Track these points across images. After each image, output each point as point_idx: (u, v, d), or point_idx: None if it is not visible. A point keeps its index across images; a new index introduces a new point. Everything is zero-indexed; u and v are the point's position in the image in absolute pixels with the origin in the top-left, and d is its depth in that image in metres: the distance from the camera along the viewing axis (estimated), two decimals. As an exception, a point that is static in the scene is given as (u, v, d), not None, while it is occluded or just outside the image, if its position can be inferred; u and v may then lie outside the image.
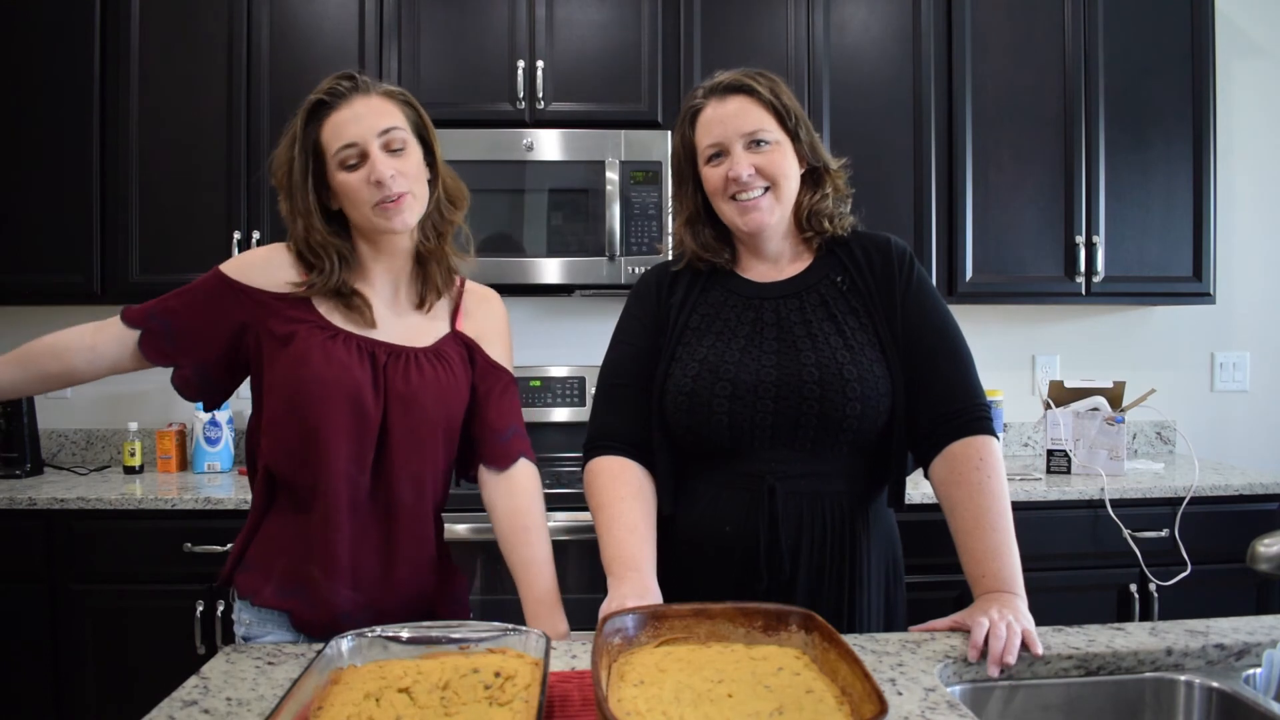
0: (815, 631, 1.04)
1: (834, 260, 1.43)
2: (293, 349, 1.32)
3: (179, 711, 1.02)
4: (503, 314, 1.52)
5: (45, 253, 2.64)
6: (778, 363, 1.34)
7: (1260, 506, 2.56)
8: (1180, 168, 2.83)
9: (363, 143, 1.31)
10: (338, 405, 1.31)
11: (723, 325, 1.40)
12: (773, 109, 1.36)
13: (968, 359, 1.39)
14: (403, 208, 1.32)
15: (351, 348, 1.33)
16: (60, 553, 2.38)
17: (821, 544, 1.34)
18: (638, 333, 1.45)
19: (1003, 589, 1.24)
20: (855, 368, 1.33)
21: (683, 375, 1.36)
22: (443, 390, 1.38)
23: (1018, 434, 3.15)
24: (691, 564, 1.37)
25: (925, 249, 2.77)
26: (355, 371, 1.32)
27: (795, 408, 1.32)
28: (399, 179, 1.31)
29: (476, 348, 1.45)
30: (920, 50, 2.77)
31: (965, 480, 1.31)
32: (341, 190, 1.33)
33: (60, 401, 3.00)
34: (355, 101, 1.32)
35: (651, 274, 1.51)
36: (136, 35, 2.64)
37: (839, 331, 1.36)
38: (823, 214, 1.41)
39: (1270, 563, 1.10)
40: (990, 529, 1.28)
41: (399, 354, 1.37)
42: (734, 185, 1.35)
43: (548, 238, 2.65)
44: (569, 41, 2.71)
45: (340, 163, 1.32)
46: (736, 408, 1.33)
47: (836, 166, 1.43)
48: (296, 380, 1.31)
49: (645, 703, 0.93)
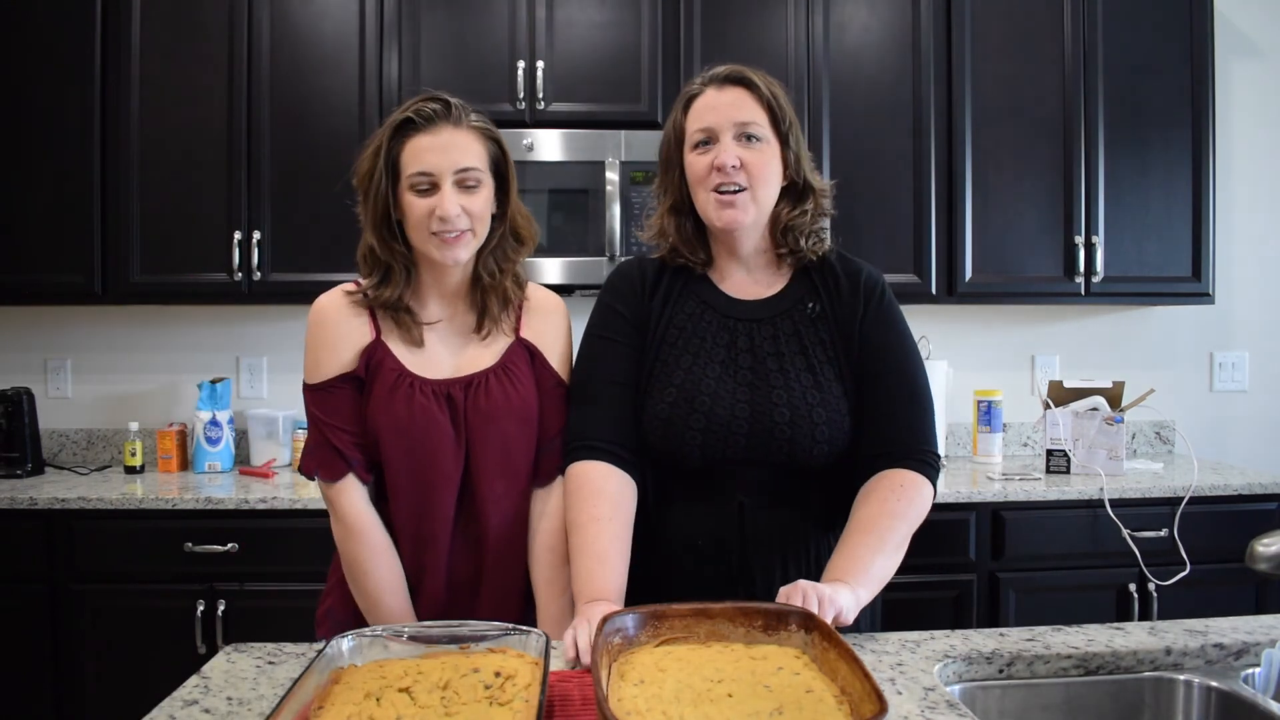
0: (815, 631, 1.05)
1: (808, 283, 1.42)
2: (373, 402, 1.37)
3: (179, 711, 1.02)
4: (564, 323, 1.49)
5: (46, 253, 2.64)
6: (750, 398, 1.34)
7: (1259, 506, 2.57)
8: (1179, 168, 2.83)
9: (438, 174, 1.31)
10: (416, 456, 1.35)
11: (699, 345, 1.39)
12: (768, 107, 1.36)
13: (923, 402, 1.37)
14: (458, 244, 1.33)
15: (429, 395, 1.36)
16: (61, 553, 2.38)
17: (795, 559, 1.35)
18: (623, 329, 1.42)
19: (839, 578, 1.21)
20: (824, 409, 1.33)
21: (660, 401, 1.36)
22: (513, 409, 1.39)
23: (1017, 434, 3.15)
24: (671, 575, 1.38)
25: (925, 249, 2.77)
26: (438, 418, 1.35)
27: (765, 444, 1.33)
28: (463, 218, 1.32)
29: (539, 354, 1.44)
30: (920, 51, 2.77)
31: (875, 497, 1.30)
32: (406, 211, 1.34)
33: (61, 401, 3.01)
34: (442, 131, 1.33)
35: (631, 266, 1.48)
36: (137, 35, 2.64)
37: (809, 367, 1.36)
38: (799, 230, 1.40)
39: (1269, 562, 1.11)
40: (866, 533, 1.26)
41: (470, 383, 1.38)
42: (717, 175, 1.33)
43: (548, 238, 2.65)
44: (569, 42, 2.71)
45: (412, 185, 1.33)
46: (709, 440, 1.33)
47: (822, 186, 1.42)
48: (377, 430, 1.36)
49: (645, 702, 0.93)
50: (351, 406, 1.37)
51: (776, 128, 1.36)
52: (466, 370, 1.39)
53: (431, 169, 1.31)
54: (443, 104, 1.34)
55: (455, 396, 1.37)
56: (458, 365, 1.40)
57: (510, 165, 1.41)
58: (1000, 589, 2.48)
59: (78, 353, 3.02)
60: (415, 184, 1.32)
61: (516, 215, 1.43)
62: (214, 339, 3.03)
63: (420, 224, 1.33)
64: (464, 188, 1.33)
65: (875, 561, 1.24)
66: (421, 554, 1.38)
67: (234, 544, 2.37)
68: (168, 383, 3.02)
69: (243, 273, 2.65)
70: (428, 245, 1.34)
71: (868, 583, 1.22)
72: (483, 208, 1.35)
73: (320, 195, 2.60)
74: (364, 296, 1.39)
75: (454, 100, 1.36)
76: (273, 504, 2.38)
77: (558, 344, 1.47)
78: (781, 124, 1.37)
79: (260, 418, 2.85)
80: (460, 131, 1.34)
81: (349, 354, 1.38)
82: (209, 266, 2.67)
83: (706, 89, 1.38)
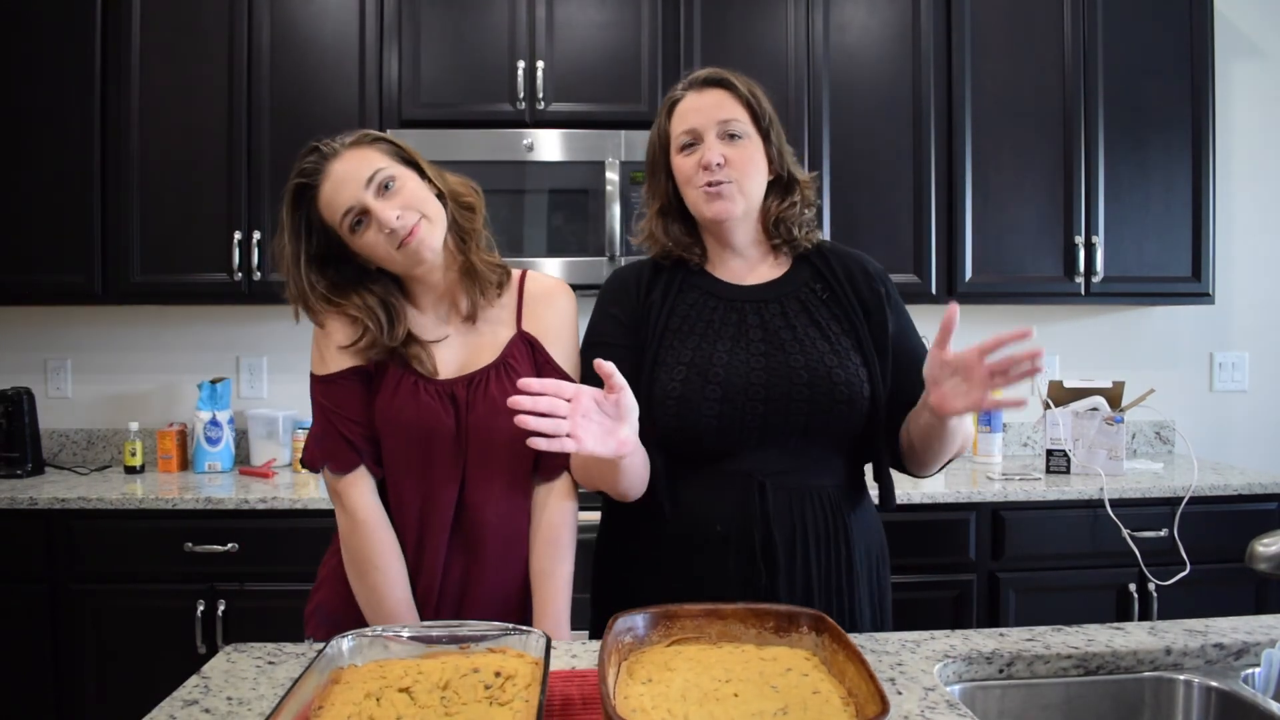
0: (826, 633, 1.05)
1: (810, 269, 1.46)
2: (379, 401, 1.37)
3: (179, 711, 1.02)
4: (567, 309, 1.46)
5: (46, 253, 2.64)
6: (766, 365, 1.36)
7: (1259, 506, 2.57)
8: (1179, 168, 2.83)
9: (357, 203, 1.31)
10: (419, 455, 1.35)
11: (705, 327, 1.40)
12: (748, 105, 1.40)
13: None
14: (419, 236, 1.31)
15: (433, 394, 1.36)
16: (61, 553, 2.38)
17: (816, 536, 1.35)
18: (620, 333, 1.43)
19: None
20: (843, 371, 1.35)
21: (669, 379, 1.36)
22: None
23: (1017, 434, 3.15)
24: (690, 560, 1.38)
25: (925, 249, 2.77)
26: (443, 418, 1.35)
27: (784, 409, 1.34)
28: (405, 215, 1.31)
29: (539, 346, 1.42)
30: (920, 51, 2.77)
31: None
32: (364, 253, 1.34)
33: (61, 401, 3.01)
34: (331, 169, 1.32)
35: (627, 271, 1.50)
36: (137, 36, 2.64)
37: (824, 335, 1.39)
38: (790, 221, 1.44)
39: (1269, 562, 1.11)
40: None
41: (472, 380, 1.38)
42: (704, 173, 1.37)
43: (548, 238, 2.65)
44: (569, 42, 2.71)
45: (349, 229, 1.32)
46: (726, 410, 1.34)
47: (806, 178, 1.46)
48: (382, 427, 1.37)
49: (651, 700, 0.94)
50: (361, 399, 1.37)
51: (757, 124, 1.40)
52: (470, 368, 1.39)
53: (349, 203, 1.31)
54: (313, 151, 1.34)
55: (458, 395, 1.37)
56: (462, 363, 1.40)
57: (410, 150, 1.39)
58: (1000, 589, 2.48)
59: (78, 353, 3.02)
60: (350, 225, 1.32)
61: (454, 185, 1.42)
62: (214, 339, 3.03)
63: (380, 253, 1.32)
64: (384, 190, 1.32)
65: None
66: (421, 552, 1.37)
67: (234, 544, 2.37)
68: (168, 383, 3.02)
69: (243, 273, 2.66)
70: (396, 265, 1.34)
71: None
72: (416, 195, 1.34)
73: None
74: (368, 356, 1.37)
75: (320, 143, 1.35)
76: (273, 504, 2.38)
77: (560, 330, 1.44)
78: (762, 120, 1.41)
79: (260, 418, 2.85)
80: (344, 156, 1.33)
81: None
82: (209, 266, 2.67)
83: (688, 93, 1.42)
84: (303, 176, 1.33)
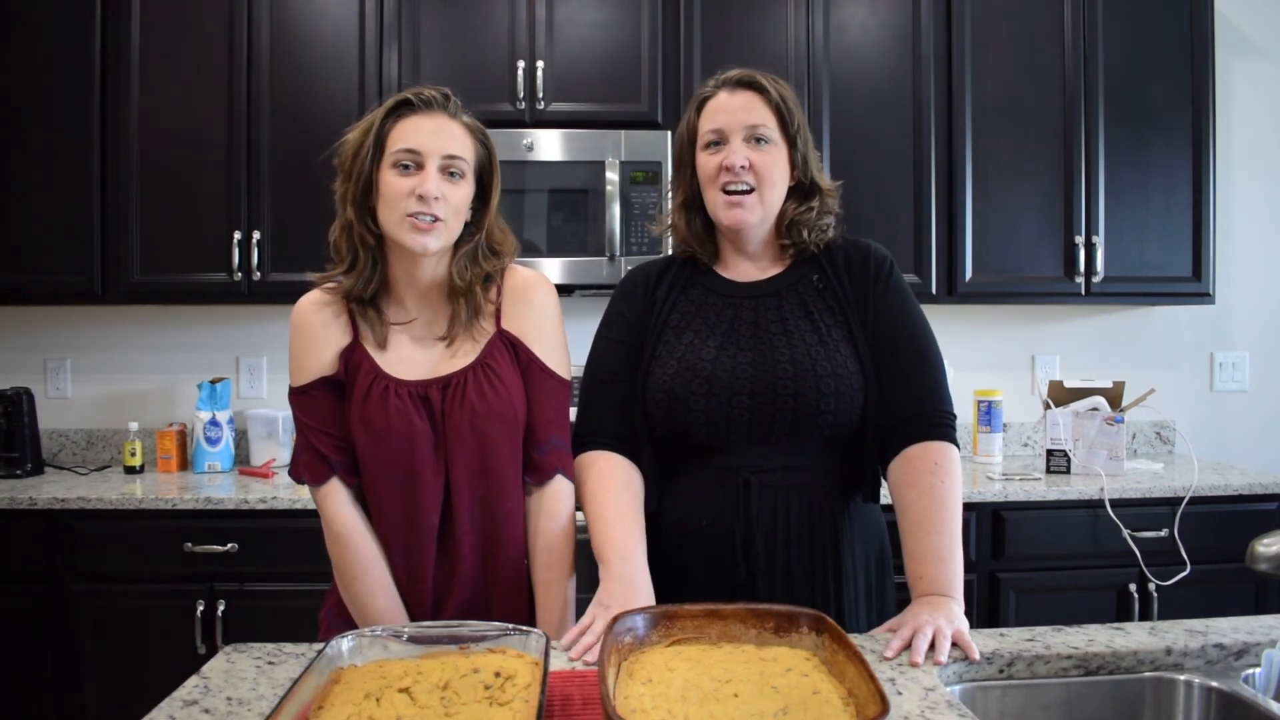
0: (826, 634, 1.05)
1: (813, 262, 1.46)
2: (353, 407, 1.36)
3: (179, 711, 1.02)
4: (547, 305, 1.43)
5: (46, 253, 2.64)
6: (753, 360, 1.37)
7: (1259, 506, 2.57)
8: (1180, 168, 2.83)
9: (425, 154, 1.29)
10: (395, 462, 1.33)
11: (701, 323, 1.42)
12: (777, 110, 1.40)
13: (938, 365, 1.41)
14: (430, 232, 1.29)
15: (404, 397, 1.33)
16: (60, 553, 2.38)
17: (799, 536, 1.36)
18: (624, 329, 1.47)
19: (938, 592, 1.25)
20: (829, 364, 1.35)
21: (661, 374, 1.39)
22: (492, 410, 1.35)
23: (1017, 434, 3.15)
24: (676, 557, 1.39)
25: (925, 249, 2.77)
26: (415, 422, 1.33)
27: (770, 403, 1.35)
28: (441, 204, 1.29)
29: (521, 345, 1.39)
30: (920, 51, 2.77)
31: (917, 482, 1.32)
32: (384, 188, 1.31)
33: (61, 401, 3.01)
34: (437, 116, 1.32)
35: (639, 271, 1.53)
36: (137, 35, 2.64)
37: (814, 329, 1.39)
38: (803, 224, 1.43)
39: (1269, 562, 1.11)
40: (935, 531, 1.29)
41: (448, 383, 1.35)
42: (726, 174, 1.38)
43: (548, 238, 2.65)
44: (569, 42, 2.71)
45: (395, 162, 1.30)
46: (713, 404, 1.35)
47: (829, 186, 1.46)
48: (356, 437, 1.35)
49: (651, 700, 0.94)
50: (333, 409, 1.36)
51: (785, 130, 1.41)
52: (444, 370, 1.36)
53: (420, 147, 1.29)
54: (443, 95, 1.35)
55: (433, 398, 1.34)
56: (435, 365, 1.36)
57: (495, 175, 1.39)
58: (1000, 589, 2.48)
59: (77, 353, 3.02)
60: (399, 160, 1.29)
61: (494, 227, 1.40)
62: (213, 339, 3.02)
63: (396, 203, 1.29)
64: (447, 175, 1.31)
65: (956, 559, 1.28)
66: (411, 562, 1.35)
67: (234, 544, 2.37)
68: (167, 383, 3.02)
69: (242, 273, 2.65)
70: (400, 229, 1.29)
71: (959, 584, 1.27)
72: (460, 201, 1.33)
73: (320, 195, 2.58)
74: (337, 284, 1.36)
75: (454, 96, 1.36)
76: (272, 504, 2.38)
77: (540, 327, 1.41)
78: (790, 127, 1.41)
79: (260, 418, 2.85)
80: (455, 122, 1.34)
81: (329, 355, 1.36)
82: (208, 266, 2.67)
83: (719, 91, 1.42)
84: (415, 98, 1.33)
